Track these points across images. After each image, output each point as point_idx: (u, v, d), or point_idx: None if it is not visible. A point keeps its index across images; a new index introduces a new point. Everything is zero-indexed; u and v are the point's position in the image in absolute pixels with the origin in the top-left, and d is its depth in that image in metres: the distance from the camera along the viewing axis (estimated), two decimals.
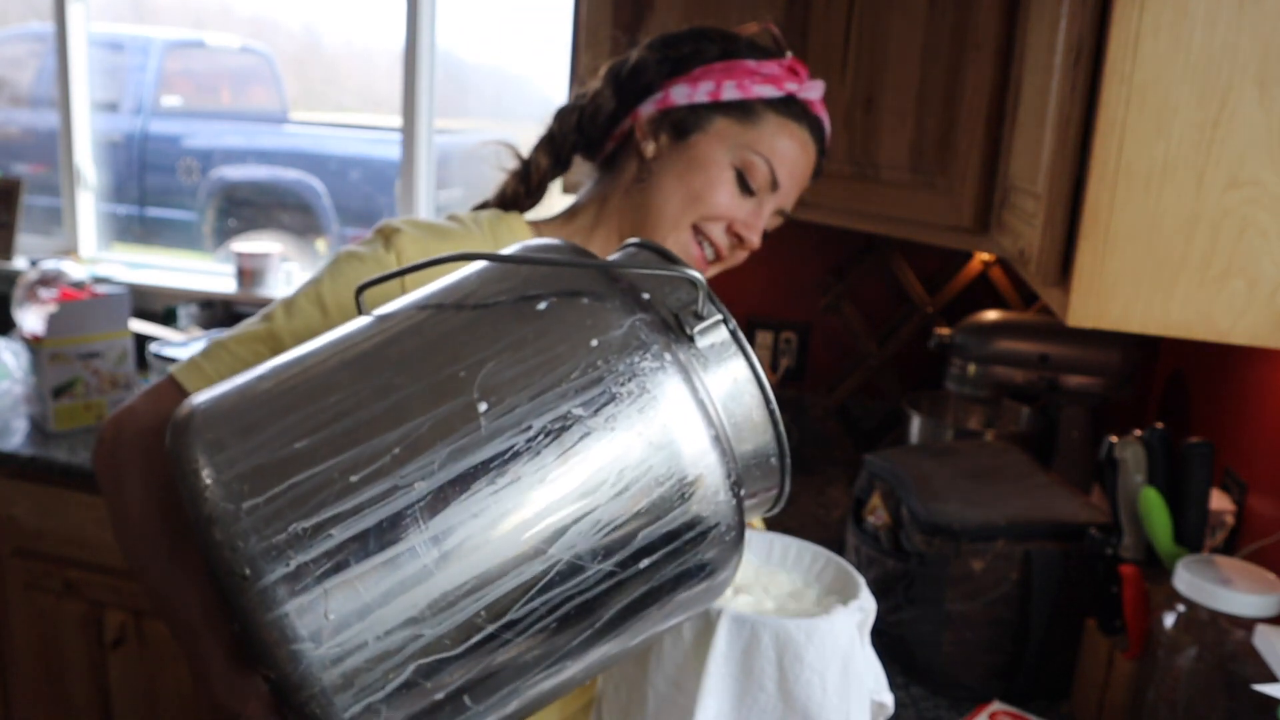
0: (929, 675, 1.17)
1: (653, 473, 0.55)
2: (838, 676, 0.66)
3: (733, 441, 0.60)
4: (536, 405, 0.54)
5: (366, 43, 3.96)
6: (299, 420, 0.54)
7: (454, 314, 0.59)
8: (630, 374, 0.55)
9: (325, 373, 0.57)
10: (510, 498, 0.52)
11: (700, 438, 0.56)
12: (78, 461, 1.74)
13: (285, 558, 0.49)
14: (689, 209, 0.98)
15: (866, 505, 1.29)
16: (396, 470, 0.51)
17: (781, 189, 1.00)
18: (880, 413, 2.03)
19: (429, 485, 0.51)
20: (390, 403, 0.54)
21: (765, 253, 2.15)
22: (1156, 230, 0.81)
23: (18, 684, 1.89)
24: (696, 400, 0.56)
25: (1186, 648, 0.92)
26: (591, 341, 0.56)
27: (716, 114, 0.98)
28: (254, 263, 2.42)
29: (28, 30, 3.52)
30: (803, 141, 1.00)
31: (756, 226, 1.00)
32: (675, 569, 0.57)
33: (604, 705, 0.75)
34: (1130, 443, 1.08)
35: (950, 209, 1.42)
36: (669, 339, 0.58)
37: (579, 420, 0.54)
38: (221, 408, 0.56)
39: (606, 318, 0.57)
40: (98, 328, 1.88)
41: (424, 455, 0.52)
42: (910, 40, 1.44)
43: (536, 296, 0.58)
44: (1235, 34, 0.77)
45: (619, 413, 0.54)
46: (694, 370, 0.58)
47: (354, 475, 0.51)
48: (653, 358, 0.56)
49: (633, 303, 0.58)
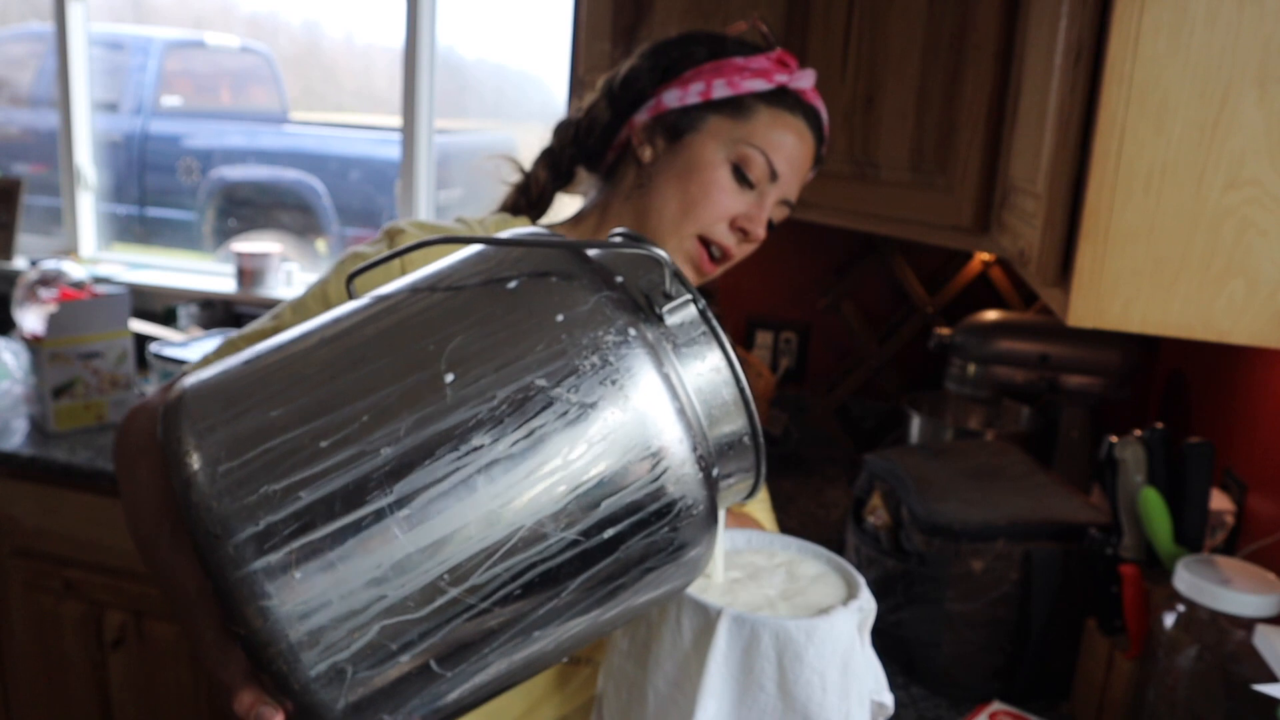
0: (929, 675, 1.17)
1: (616, 444, 0.56)
2: (838, 676, 0.66)
3: (701, 419, 0.61)
4: (501, 377, 0.56)
5: (366, 42, 3.96)
6: (276, 392, 0.57)
7: (429, 295, 0.61)
8: (594, 347, 0.57)
9: (305, 350, 0.60)
10: (472, 465, 0.54)
11: (664, 411, 0.57)
12: (78, 461, 1.74)
13: (255, 518, 0.52)
14: (689, 210, 0.98)
15: (866, 505, 1.29)
16: (364, 436, 0.54)
17: (781, 179, 0.99)
18: (880, 413, 2.03)
19: (394, 450, 0.54)
20: (361, 374, 0.57)
21: (765, 253, 2.15)
22: (1156, 230, 0.81)
23: (18, 684, 1.89)
24: (661, 374, 0.58)
25: (1186, 648, 0.92)
26: (558, 317, 0.57)
27: (709, 113, 0.98)
28: (254, 263, 2.42)
29: (28, 30, 3.52)
30: (798, 131, 1.00)
31: (759, 219, 1.00)
32: (641, 541, 0.58)
33: (604, 705, 0.75)
34: (1130, 443, 1.08)
35: (950, 209, 1.42)
36: (636, 316, 0.59)
37: (541, 390, 0.56)
38: (207, 386, 0.58)
39: (573, 295, 0.59)
40: (98, 328, 1.88)
41: (391, 423, 0.54)
42: (910, 40, 1.44)
43: (508, 277, 0.60)
44: (1235, 34, 0.77)
45: (582, 384, 0.56)
46: (660, 347, 0.59)
47: (324, 441, 0.54)
48: (616, 332, 0.57)
49: (600, 281, 0.60)
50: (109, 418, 1.90)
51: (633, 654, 0.72)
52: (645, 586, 0.61)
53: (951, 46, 1.39)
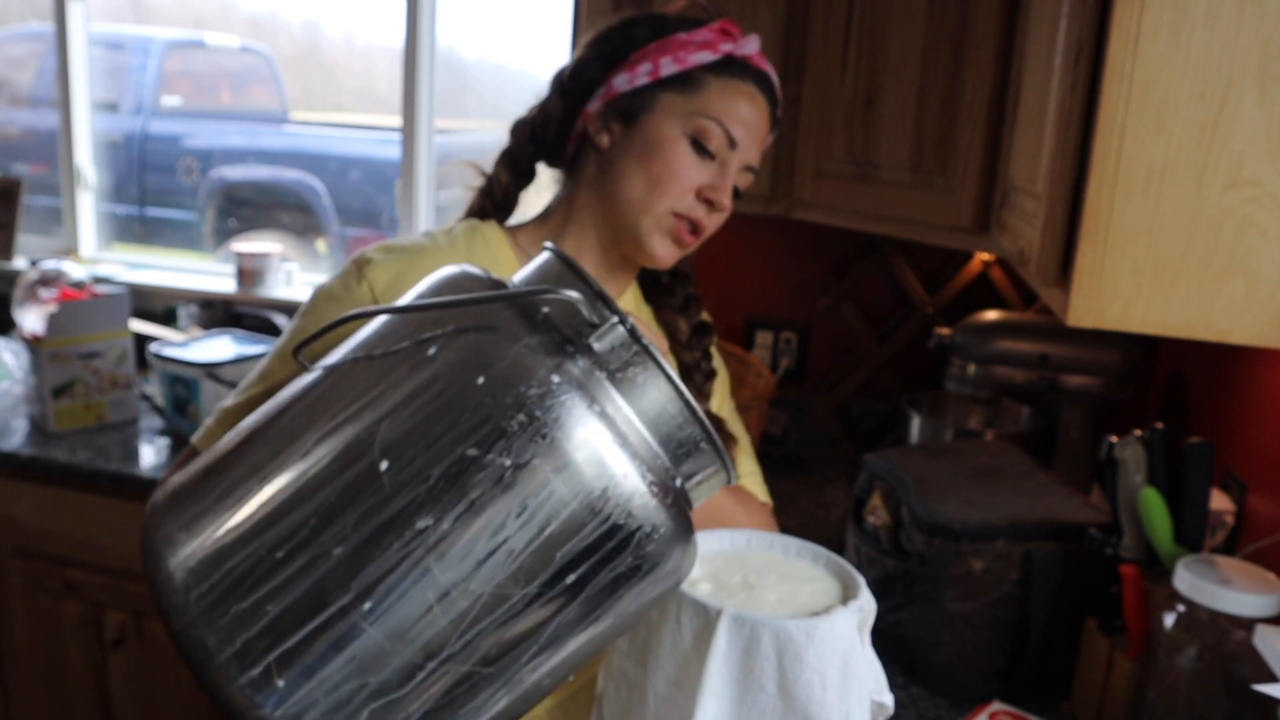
0: (929, 675, 1.17)
1: (556, 495, 0.57)
2: (838, 676, 0.66)
3: (649, 440, 0.61)
4: (433, 454, 0.57)
5: (366, 42, 3.96)
6: (232, 504, 0.60)
7: (357, 375, 0.63)
8: (518, 405, 0.57)
9: (253, 455, 0.62)
10: (421, 547, 0.56)
11: (604, 449, 0.58)
12: (78, 461, 1.74)
13: (232, 638, 0.55)
14: (655, 188, 0.98)
15: (866, 505, 1.29)
16: (314, 540, 0.56)
17: (740, 146, 1.00)
18: (880, 413, 2.03)
19: (345, 550, 0.56)
20: (304, 476, 0.59)
21: (765, 253, 2.15)
22: (1156, 230, 0.81)
23: (18, 684, 1.89)
24: (594, 412, 0.58)
25: (1186, 648, 0.92)
26: (479, 380, 0.58)
27: (660, 91, 0.99)
28: (254, 263, 2.42)
29: (28, 30, 3.52)
30: (750, 96, 1.01)
31: (724, 188, 1.00)
32: (608, 576, 0.59)
33: (604, 705, 0.75)
34: (1130, 443, 1.08)
35: (950, 209, 1.42)
36: (560, 357, 0.59)
37: (474, 460, 0.56)
38: (175, 508, 0.62)
39: (492, 352, 0.59)
40: (98, 328, 1.88)
41: (336, 523, 0.56)
42: (910, 40, 1.44)
43: (430, 340, 0.61)
44: (1235, 34, 0.77)
45: (512, 445, 0.57)
46: (591, 381, 0.60)
47: (279, 551, 0.56)
48: (538, 384, 0.58)
49: (522, 328, 0.60)
50: (109, 418, 1.90)
51: (633, 654, 0.72)
52: (628, 604, 0.62)
53: (951, 46, 1.39)
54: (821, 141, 1.60)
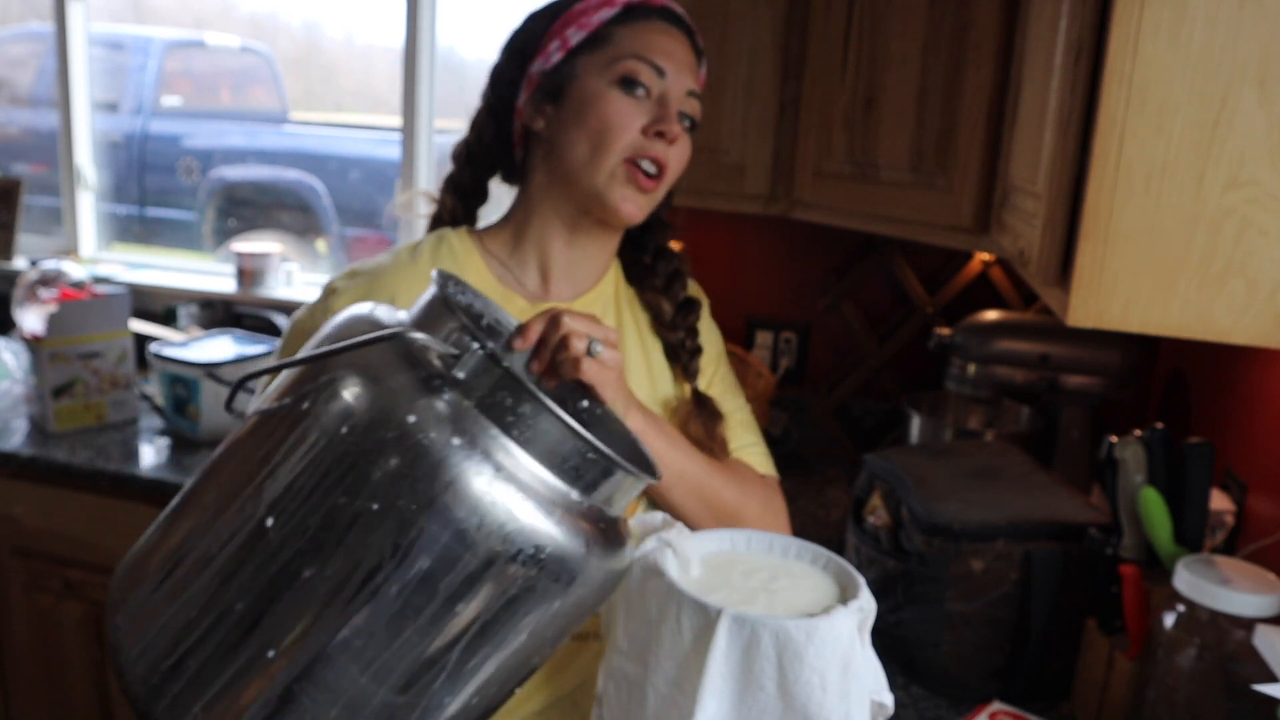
0: (929, 675, 1.17)
1: (426, 532, 0.60)
2: (838, 676, 0.66)
3: (527, 460, 0.63)
4: (310, 506, 0.61)
5: (366, 42, 3.96)
6: (157, 578, 0.66)
7: (262, 427, 0.67)
8: (378, 450, 0.60)
9: (180, 522, 0.68)
10: (310, 595, 0.60)
11: (466, 482, 0.61)
12: (78, 461, 1.74)
13: (163, 693, 0.63)
14: (599, 142, 0.98)
15: (866, 505, 1.29)
16: (221, 598, 0.62)
17: (669, 73, 1.00)
18: (880, 413, 2.03)
19: (245, 605, 0.61)
20: (211, 538, 0.64)
21: (765, 253, 2.15)
22: (1156, 230, 0.81)
23: (18, 684, 1.89)
24: (456, 447, 0.61)
25: (1186, 648, 0.92)
26: (342, 430, 0.61)
27: (576, 58, 1.00)
28: (254, 263, 2.42)
29: (28, 30, 3.52)
30: (661, 29, 1.01)
31: (668, 115, 0.99)
32: (502, 599, 0.62)
33: (604, 705, 0.75)
34: (1130, 443, 1.08)
35: (950, 209, 1.42)
36: (419, 398, 0.62)
37: (344, 508, 0.60)
38: (121, 586, 0.68)
39: (355, 401, 0.63)
40: (98, 328, 1.88)
41: (236, 579, 0.62)
42: (910, 40, 1.44)
43: (307, 393, 0.65)
44: (1235, 34, 0.77)
45: (378, 488, 0.60)
46: (458, 415, 0.62)
47: (193, 611, 0.63)
48: (395, 428, 0.61)
49: (388, 371, 0.63)
50: (109, 418, 1.90)
51: (633, 654, 0.72)
52: (541, 618, 0.65)
53: (951, 46, 1.39)
54: (821, 141, 1.60)
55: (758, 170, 1.68)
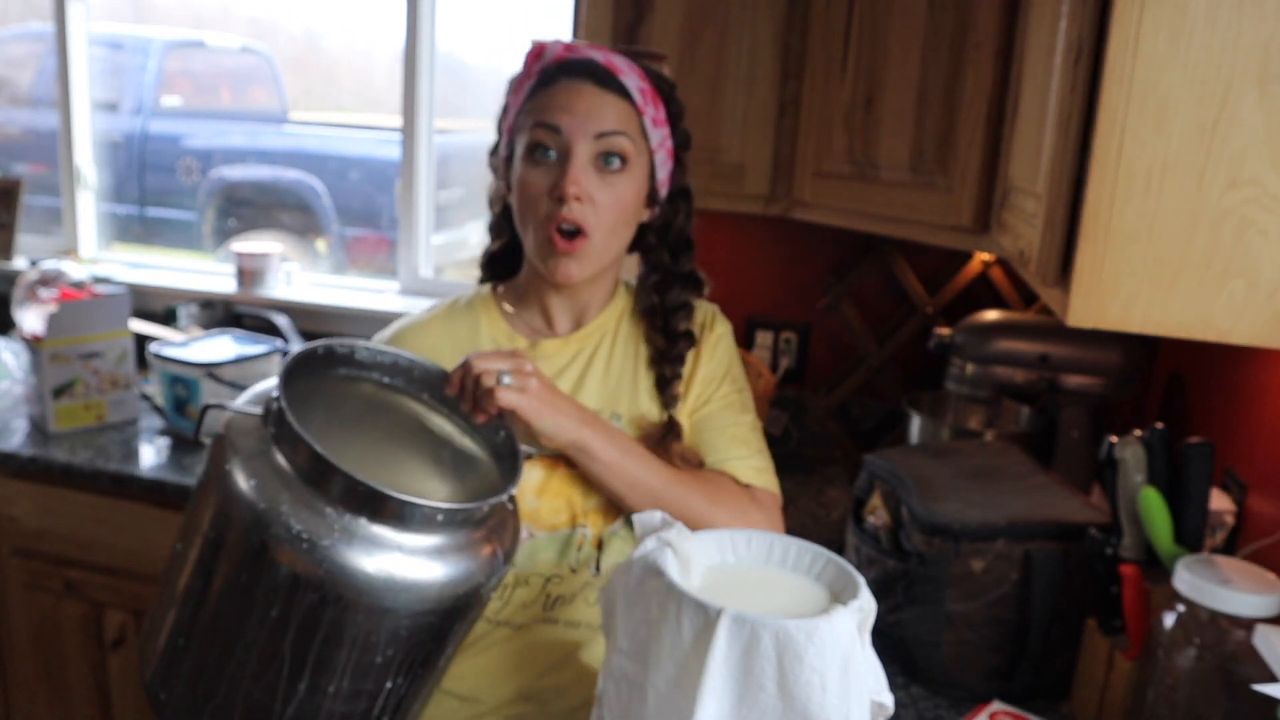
0: (929, 675, 1.17)
1: (253, 575, 0.79)
2: (838, 676, 0.66)
3: (302, 491, 0.78)
4: (183, 541, 0.86)
5: (366, 43, 3.96)
6: (199, 660, 0.86)
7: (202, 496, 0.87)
8: (205, 513, 0.83)
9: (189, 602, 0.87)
10: (189, 608, 0.86)
11: (242, 517, 0.78)
12: (78, 461, 1.74)
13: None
14: (523, 217, 1.05)
15: (866, 505, 1.29)
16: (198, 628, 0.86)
17: (564, 129, 1.01)
18: (880, 413, 2.03)
19: None
20: (186, 592, 0.86)
21: (765, 253, 2.15)
22: (1156, 230, 0.81)
23: (18, 684, 1.89)
24: (238, 491, 0.78)
25: (1186, 648, 0.92)
26: (198, 470, 0.83)
27: (513, 135, 1.07)
28: (254, 263, 2.42)
29: (28, 30, 3.52)
30: (564, 87, 1.03)
31: (566, 175, 1.01)
32: (318, 640, 0.78)
33: (604, 705, 0.75)
34: (1130, 443, 1.08)
35: (950, 209, 1.42)
36: (223, 457, 0.81)
37: (179, 547, 0.87)
38: (158, 662, 0.88)
39: (217, 449, 0.84)
40: (98, 328, 1.88)
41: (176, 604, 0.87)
42: (910, 40, 1.44)
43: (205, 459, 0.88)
44: (1235, 34, 0.77)
45: (203, 522, 0.83)
46: (261, 453, 0.80)
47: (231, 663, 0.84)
48: (214, 472, 0.82)
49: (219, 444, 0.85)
50: (109, 418, 1.90)
51: (633, 654, 0.72)
52: (352, 649, 0.80)
53: (951, 46, 1.39)
54: (821, 141, 1.60)
55: (757, 170, 1.68)
